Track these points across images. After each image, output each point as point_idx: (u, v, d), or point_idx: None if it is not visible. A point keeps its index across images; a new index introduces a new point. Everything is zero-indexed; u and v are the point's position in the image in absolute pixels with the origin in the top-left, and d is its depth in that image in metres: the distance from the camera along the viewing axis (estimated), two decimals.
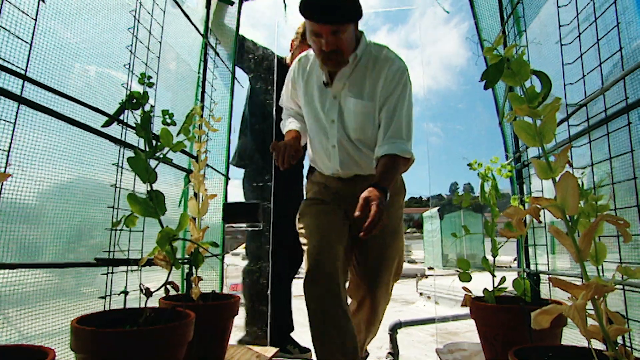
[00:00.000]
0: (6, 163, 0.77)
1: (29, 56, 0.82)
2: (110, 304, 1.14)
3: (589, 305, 0.70)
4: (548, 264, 1.31)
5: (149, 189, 0.96)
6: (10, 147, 0.78)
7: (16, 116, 0.80)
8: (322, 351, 1.18)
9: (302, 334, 1.85)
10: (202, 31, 1.80)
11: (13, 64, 0.80)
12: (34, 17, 0.83)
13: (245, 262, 2.07)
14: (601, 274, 0.82)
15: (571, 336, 1.28)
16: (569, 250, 0.73)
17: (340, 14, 1.11)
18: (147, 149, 0.98)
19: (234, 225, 1.92)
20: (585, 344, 1.00)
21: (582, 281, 0.73)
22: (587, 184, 0.97)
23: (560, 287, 0.72)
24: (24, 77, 0.83)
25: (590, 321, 0.71)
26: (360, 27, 1.31)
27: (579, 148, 1.03)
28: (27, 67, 0.83)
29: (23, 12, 0.81)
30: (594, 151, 0.96)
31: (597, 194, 0.83)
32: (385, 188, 1.09)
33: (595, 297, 0.70)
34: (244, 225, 1.90)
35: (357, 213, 1.02)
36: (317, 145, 1.43)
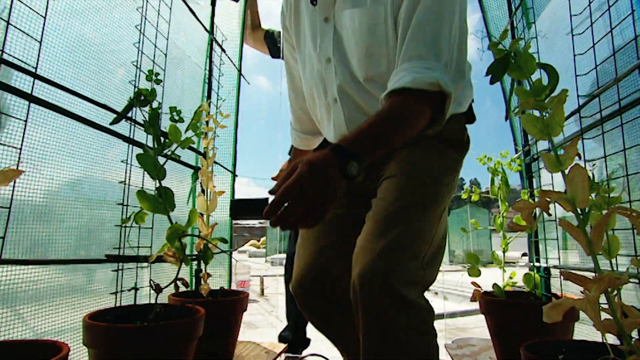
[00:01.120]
0: (18, 160, 0.78)
1: (39, 54, 0.83)
2: (121, 300, 1.15)
3: (603, 300, 0.69)
4: (559, 259, 1.29)
5: (157, 185, 0.97)
6: (22, 144, 0.79)
7: (27, 114, 0.80)
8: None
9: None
10: (207, 28, 1.80)
11: (24, 62, 0.81)
12: (44, 15, 0.83)
13: (253, 260, 2.06)
14: (615, 268, 0.81)
15: (583, 332, 1.27)
16: (580, 243, 0.72)
17: None
18: (156, 146, 0.98)
19: (240, 222, 1.92)
20: (597, 339, 0.99)
21: (595, 274, 0.72)
22: (601, 176, 0.95)
23: (572, 280, 0.70)
24: (35, 75, 0.83)
25: (604, 315, 0.70)
26: None
27: (591, 141, 1.01)
28: (37, 64, 0.83)
29: (32, 10, 0.81)
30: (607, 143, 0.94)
31: (609, 187, 0.81)
32: (345, 150, 0.59)
33: (609, 289, 0.69)
34: (253, 221, 1.90)
35: (271, 188, 0.60)
36: (313, 109, 0.98)
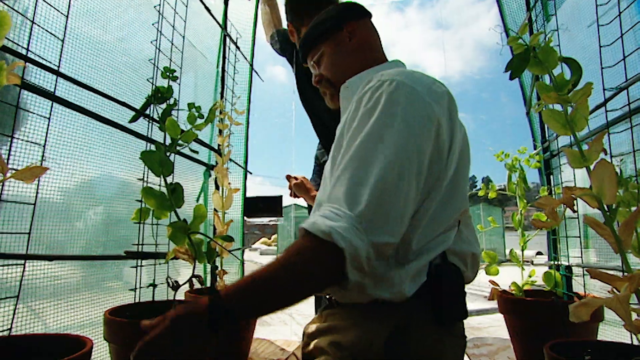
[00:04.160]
0: (42, 157, 0.79)
1: (61, 52, 0.84)
2: (139, 296, 1.16)
3: (632, 299, 0.67)
4: (582, 257, 1.26)
5: (168, 181, 0.95)
6: (45, 141, 0.80)
7: (50, 111, 0.81)
8: None
9: None
10: (221, 24, 1.80)
11: (47, 60, 0.82)
12: (66, 14, 0.84)
13: (264, 257, 2.05)
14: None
15: (607, 333, 1.23)
16: (608, 240, 0.70)
17: (307, 37, 0.81)
18: (171, 143, 0.98)
19: (252, 220, 1.93)
20: (621, 340, 0.96)
21: (624, 273, 0.70)
22: (629, 172, 0.92)
23: (600, 278, 0.68)
24: (58, 73, 0.84)
25: (633, 316, 0.68)
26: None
27: (617, 135, 0.98)
28: (59, 63, 0.84)
29: (55, 9, 0.82)
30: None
31: (638, 182, 0.78)
32: (221, 306, 0.50)
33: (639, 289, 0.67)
34: (265, 218, 1.91)
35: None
36: None
